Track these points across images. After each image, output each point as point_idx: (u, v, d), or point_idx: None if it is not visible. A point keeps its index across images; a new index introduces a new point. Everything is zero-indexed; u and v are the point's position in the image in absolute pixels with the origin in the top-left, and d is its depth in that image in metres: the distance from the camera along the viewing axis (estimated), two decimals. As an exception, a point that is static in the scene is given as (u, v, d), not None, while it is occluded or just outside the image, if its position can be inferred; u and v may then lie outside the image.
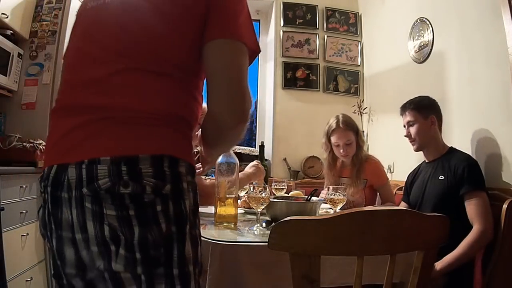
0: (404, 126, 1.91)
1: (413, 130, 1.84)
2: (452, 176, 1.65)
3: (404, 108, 1.91)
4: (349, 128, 2.08)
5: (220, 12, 0.77)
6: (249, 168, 1.70)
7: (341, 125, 2.08)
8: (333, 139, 2.12)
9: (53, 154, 0.75)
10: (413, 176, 1.97)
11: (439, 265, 1.50)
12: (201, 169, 1.04)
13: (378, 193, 2.18)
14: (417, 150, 1.87)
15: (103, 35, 0.76)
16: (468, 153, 1.70)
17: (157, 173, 0.68)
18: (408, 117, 1.87)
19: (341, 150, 2.09)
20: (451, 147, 1.82)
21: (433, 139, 1.82)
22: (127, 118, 0.70)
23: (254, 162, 1.74)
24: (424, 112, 1.82)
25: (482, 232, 1.48)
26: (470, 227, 1.53)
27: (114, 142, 0.69)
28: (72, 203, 0.68)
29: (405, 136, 1.89)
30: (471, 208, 1.54)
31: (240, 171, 1.48)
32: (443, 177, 1.70)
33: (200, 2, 0.76)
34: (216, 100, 0.77)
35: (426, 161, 1.89)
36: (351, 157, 2.13)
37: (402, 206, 1.97)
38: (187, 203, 0.72)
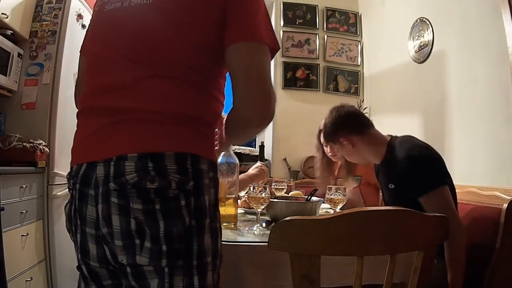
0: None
1: (342, 159, 1.70)
2: (400, 183, 1.42)
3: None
4: None
5: (237, 15, 0.79)
6: (252, 169, 1.69)
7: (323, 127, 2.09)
8: (322, 138, 2.09)
9: (81, 152, 0.79)
10: (376, 169, 1.69)
11: None
12: (217, 147, 1.06)
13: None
14: (364, 165, 1.72)
15: (120, 43, 0.80)
16: (464, 150, 1.58)
17: (181, 169, 0.73)
18: (328, 149, 1.84)
19: (328, 149, 2.07)
20: (390, 139, 1.51)
21: (365, 152, 1.54)
22: (150, 119, 0.74)
23: (258, 164, 1.71)
24: (333, 139, 1.58)
25: (456, 242, 1.28)
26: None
27: (140, 140, 0.73)
28: (98, 199, 0.72)
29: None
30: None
31: (241, 172, 1.47)
32: (393, 186, 1.48)
33: (214, 7, 0.78)
34: (241, 102, 0.80)
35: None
36: (341, 157, 2.09)
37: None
38: (207, 198, 0.77)
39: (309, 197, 1.45)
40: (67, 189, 0.82)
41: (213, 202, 0.79)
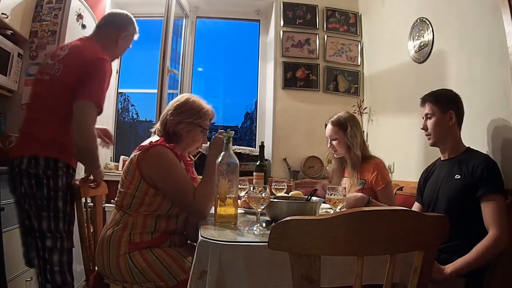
0: (423, 118, 1.84)
1: (430, 123, 1.76)
2: (470, 176, 1.58)
3: (424, 100, 1.83)
4: (334, 125, 2.12)
5: (82, 81, 1.63)
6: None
7: (328, 122, 2.17)
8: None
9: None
10: (427, 174, 1.89)
11: (450, 268, 1.46)
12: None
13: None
14: (432, 145, 1.80)
15: (34, 97, 1.76)
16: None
17: (45, 164, 1.63)
18: (426, 109, 1.79)
19: (328, 145, 2.17)
20: (469, 147, 1.75)
21: (450, 135, 1.74)
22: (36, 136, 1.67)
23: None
24: (443, 106, 1.74)
25: (497, 238, 1.43)
26: (485, 229, 1.49)
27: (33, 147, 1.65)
28: None
29: (422, 128, 1.82)
30: (488, 211, 1.49)
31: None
32: (459, 176, 1.63)
33: (73, 75, 1.65)
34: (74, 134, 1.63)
35: (442, 158, 1.82)
36: (340, 154, 2.15)
37: (416, 207, 1.90)
38: (60, 181, 1.66)
39: (309, 197, 1.45)
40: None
41: (65, 183, 1.76)
